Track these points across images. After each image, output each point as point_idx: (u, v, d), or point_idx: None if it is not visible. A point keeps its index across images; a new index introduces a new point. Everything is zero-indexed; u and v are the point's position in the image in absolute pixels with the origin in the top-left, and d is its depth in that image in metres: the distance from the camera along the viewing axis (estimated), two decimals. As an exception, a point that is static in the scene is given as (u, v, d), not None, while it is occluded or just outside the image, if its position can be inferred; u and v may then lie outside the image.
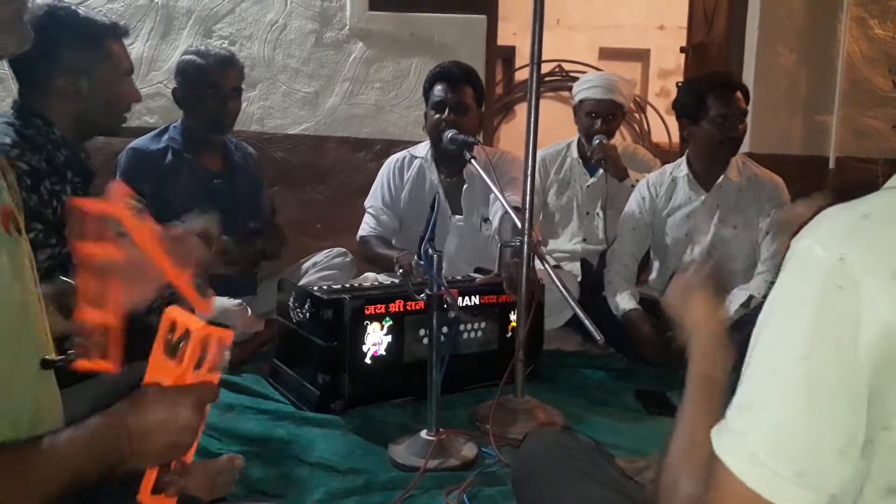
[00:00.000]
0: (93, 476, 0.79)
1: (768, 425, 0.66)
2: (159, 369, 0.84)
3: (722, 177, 2.56)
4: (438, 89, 2.55)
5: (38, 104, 1.71)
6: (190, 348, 0.83)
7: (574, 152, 3.08)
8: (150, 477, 0.85)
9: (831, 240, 0.67)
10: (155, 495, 0.86)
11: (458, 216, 2.67)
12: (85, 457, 0.78)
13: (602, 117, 2.92)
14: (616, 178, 2.90)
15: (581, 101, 2.98)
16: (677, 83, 3.50)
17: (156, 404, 0.82)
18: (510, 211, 2.10)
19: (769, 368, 0.68)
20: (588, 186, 3.02)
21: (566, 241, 3.08)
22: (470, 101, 2.54)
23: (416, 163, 2.71)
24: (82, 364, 0.92)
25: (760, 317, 0.71)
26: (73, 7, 1.76)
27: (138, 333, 0.94)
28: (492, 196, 2.49)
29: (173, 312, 0.85)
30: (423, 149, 2.73)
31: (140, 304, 1.01)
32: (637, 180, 2.86)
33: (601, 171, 2.92)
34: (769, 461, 0.65)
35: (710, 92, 2.47)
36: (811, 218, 0.71)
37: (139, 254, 0.95)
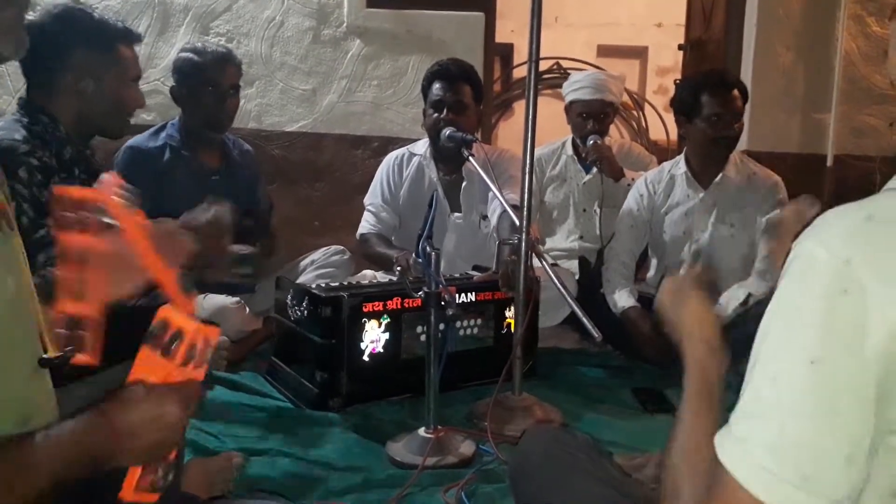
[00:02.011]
0: (78, 472, 0.79)
1: (773, 431, 0.65)
2: (147, 366, 0.84)
3: (720, 175, 2.56)
4: (437, 88, 2.54)
5: (44, 101, 1.72)
6: (183, 348, 0.83)
7: (569, 150, 3.08)
8: (134, 474, 0.85)
9: (835, 243, 0.66)
10: (138, 492, 0.86)
11: (456, 214, 2.66)
12: (72, 453, 0.78)
13: (593, 117, 2.93)
14: (612, 178, 2.90)
15: (571, 103, 2.99)
16: (675, 80, 3.50)
17: (143, 403, 0.82)
18: (508, 209, 2.10)
19: (773, 374, 0.66)
20: (584, 184, 3.02)
21: (563, 239, 3.08)
22: (468, 99, 2.54)
23: (415, 160, 2.71)
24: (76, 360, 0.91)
25: (764, 321, 0.70)
26: (90, 9, 1.78)
27: (123, 328, 0.92)
28: (490, 194, 2.49)
29: (166, 311, 0.85)
30: (422, 146, 2.73)
31: (123, 297, 0.99)
32: (633, 179, 2.86)
33: (596, 169, 2.93)
34: (774, 467, 0.63)
35: (705, 90, 2.46)
36: (802, 220, 0.70)
37: (124, 245, 0.92)
